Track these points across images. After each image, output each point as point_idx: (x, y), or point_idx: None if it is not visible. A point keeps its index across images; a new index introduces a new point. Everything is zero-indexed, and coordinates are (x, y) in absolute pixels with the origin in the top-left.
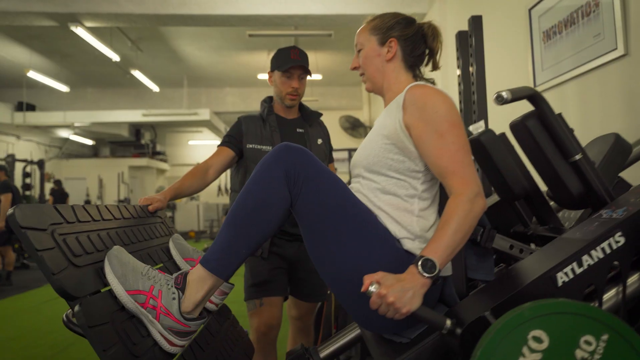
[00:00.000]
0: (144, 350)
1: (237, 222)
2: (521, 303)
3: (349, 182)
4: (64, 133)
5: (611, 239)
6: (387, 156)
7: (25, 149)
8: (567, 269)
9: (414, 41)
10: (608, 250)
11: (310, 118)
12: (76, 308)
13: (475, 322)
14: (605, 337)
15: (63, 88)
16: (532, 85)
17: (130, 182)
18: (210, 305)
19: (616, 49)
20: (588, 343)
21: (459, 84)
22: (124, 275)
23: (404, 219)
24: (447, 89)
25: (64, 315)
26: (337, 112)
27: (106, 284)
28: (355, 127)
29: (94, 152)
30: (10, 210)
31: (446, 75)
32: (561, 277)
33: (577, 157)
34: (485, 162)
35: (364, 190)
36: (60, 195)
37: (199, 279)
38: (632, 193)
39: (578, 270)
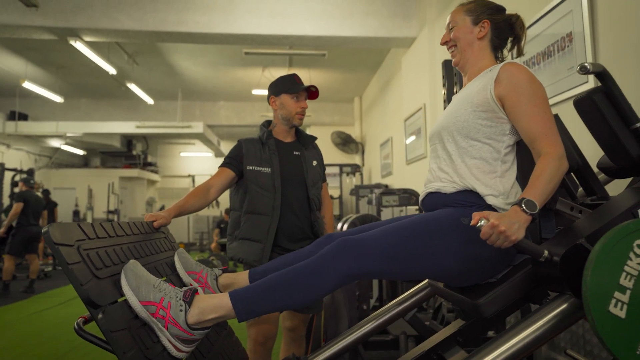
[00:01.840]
0: (155, 354)
1: (282, 286)
2: None
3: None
4: (54, 142)
5: None
6: (476, 121)
7: (15, 157)
8: None
9: (502, 26)
10: None
11: (306, 142)
12: (99, 315)
13: (573, 248)
14: None
15: (57, 99)
16: None
17: (121, 193)
18: None
19: (587, 82)
20: None
21: (444, 101)
22: (137, 287)
23: (488, 180)
24: (436, 108)
25: (75, 323)
26: (329, 128)
27: (122, 294)
28: (347, 143)
29: (84, 162)
30: (45, 229)
31: (434, 95)
32: None
33: (638, 124)
34: None
35: (451, 156)
36: (45, 205)
37: (218, 305)
38: None
39: None
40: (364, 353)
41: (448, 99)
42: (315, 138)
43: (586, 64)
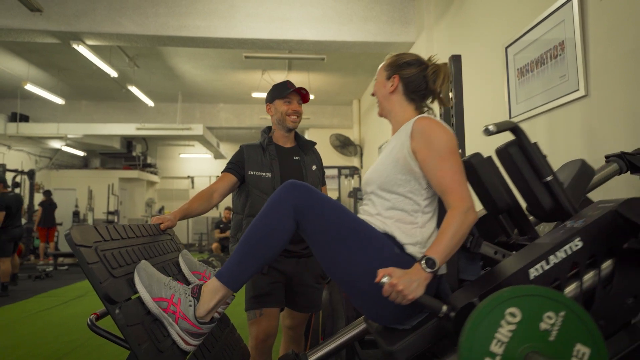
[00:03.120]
0: (166, 347)
1: (249, 245)
2: None
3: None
4: (55, 144)
5: (572, 243)
6: (396, 176)
7: (16, 158)
8: (538, 266)
9: (414, 81)
10: (569, 252)
11: (305, 147)
12: (116, 311)
13: (466, 306)
14: (562, 313)
15: (59, 101)
16: (507, 116)
17: (120, 194)
18: (214, 315)
19: (578, 90)
20: (550, 318)
21: (440, 107)
22: (150, 285)
23: (408, 230)
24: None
25: (88, 319)
26: (328, 130)
27: (135, 292)
28: (346, 146)
29: (84, 163)
30: (66, 231)
31: None
32: (532, 272)
33: (549, 178)
34: (474, 180)
35: (376, 206)
36: (48, 206)
37: (213, 290)
38: (591, 208)
39: (546, 267)
40: (360, 351)
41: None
42: (315, 143)
43: (489, 127)
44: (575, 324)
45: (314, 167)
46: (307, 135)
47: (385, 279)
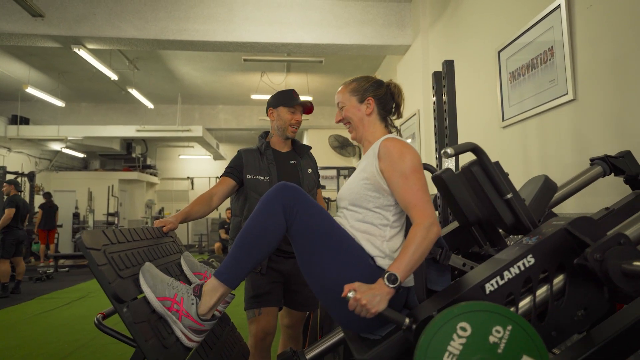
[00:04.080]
0: (171, 343)
1: (244, 244)
2: None
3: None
4: (55, 146)
5: (524, 259)
6: (366, 193)
7: (16, 161)
8: (493, 281)
9: (385, 98)
10: (522, 268)
11: (301, 151)
12: (124, 310)
13: (426, 319)
14: (509, 327)
15: (59, 103)
16: (500, 119)
17: (120, 196)
18: (215, 313)
19: (567, 94)
20: (498, 331)
21: (434, 110)
22: (154, 285)
23: (377, 242)
24: (429, 114)
25: (95, 318)
26: (327, 131)
27: (141, 291)
28: (344, 146)
29: (84, 165)
30: (78, 235)
31: (428, 101)
32: (488, 287)
33: (509, 196)
34: (446, 194)
35: (348, 219)
36: (49, 208)
37: (213, 288)
38: (546, 225)
39: (501, 282)
40: None
41: (438, 108)
42: (310, 147)
43: (447, 150)
44: (522, 337)
45: (309, 171)
46: (306, 136)
47: (350, 294)
